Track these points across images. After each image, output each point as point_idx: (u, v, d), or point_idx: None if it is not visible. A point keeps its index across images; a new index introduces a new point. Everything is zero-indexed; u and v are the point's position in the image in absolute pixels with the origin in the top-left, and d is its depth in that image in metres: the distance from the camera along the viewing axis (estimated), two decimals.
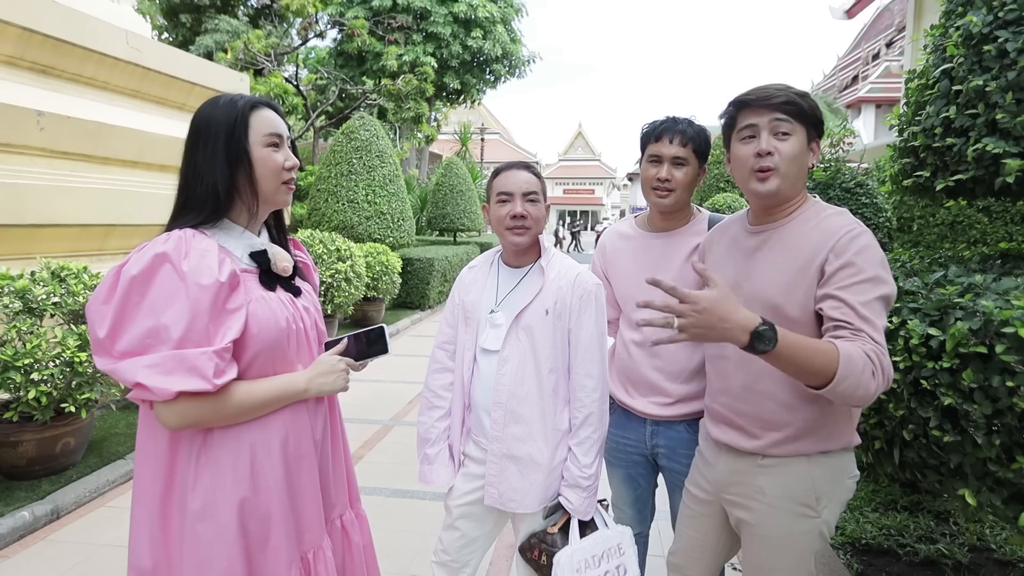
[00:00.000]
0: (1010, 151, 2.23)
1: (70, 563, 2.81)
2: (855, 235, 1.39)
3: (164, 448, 1.21)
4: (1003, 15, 2.30)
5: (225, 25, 15.52)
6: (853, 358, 1.23)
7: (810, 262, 1.41)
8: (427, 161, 25.68)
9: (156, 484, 1.22)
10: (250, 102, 1.30)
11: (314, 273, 1.54)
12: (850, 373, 1.22)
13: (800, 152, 1.45)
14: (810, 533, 1.49)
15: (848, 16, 13.88)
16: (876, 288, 1.34)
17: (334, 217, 8.96)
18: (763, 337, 1.19)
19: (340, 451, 1.49)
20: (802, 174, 1.48)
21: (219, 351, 1.14)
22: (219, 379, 1.14)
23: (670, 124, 1.85)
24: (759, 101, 1.46)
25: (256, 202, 1.31)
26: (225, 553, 1.20)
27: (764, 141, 1.44)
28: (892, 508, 3.08)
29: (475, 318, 1.81)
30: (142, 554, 1.23)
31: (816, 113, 1.46)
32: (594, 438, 1.72)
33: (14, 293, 3.26)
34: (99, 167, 4.86)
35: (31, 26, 4.27)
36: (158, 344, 1.11)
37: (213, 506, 1.20)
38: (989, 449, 1.80)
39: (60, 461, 3.51)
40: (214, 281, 1.15)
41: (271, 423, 1.27)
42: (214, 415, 1.18)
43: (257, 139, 1.28)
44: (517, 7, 22.07)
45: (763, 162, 1.44)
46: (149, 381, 1.09)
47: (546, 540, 1.69)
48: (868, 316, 1.32)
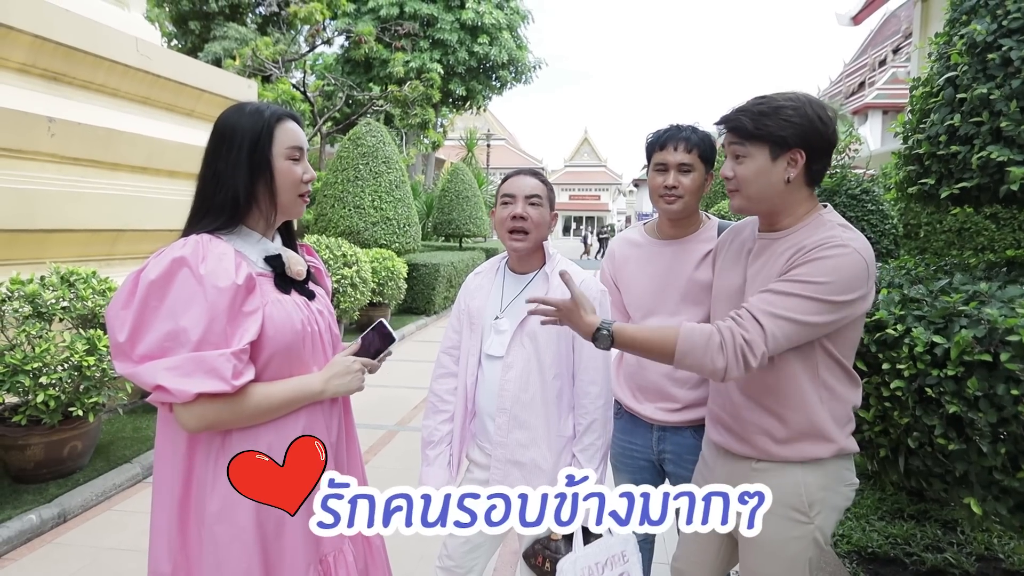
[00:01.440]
0: (1015, 159, 2.23)
1: (76, 566, 2.82)
2: (828, 246, 1.36)
3: (182, 451, 1.23)
4: (1007, 23, 2.30)
5: (234, 32, 15.66)
6: (692, 338, 1.36)
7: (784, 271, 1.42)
8: (433, 167, 25.77)
9: (175, 487, 1.23)
10: (276, 114, 1.32)
11: (326, 278, 1.57)
12: (689, 350, 1.36)
13: (759, 172, 1.45)
14: (803, 539, 1.49)
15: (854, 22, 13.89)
16: (804, 288, 1.34)
17: (340, 223, 9.00)
18: (599, 338, 1.44)
19: (356, 453, 1.51)
20: (772, 190, 1.46)
21: (237, 352, 1.16)
22: (237, 380, 1.15)
23: (674, 132, 1.86)
24: (722, 123, 1.52)
25: (274, 212, 1.33)
26: (243, 555, 1.21)
27: (727, 165, 1.52)
28: (899, 517, 3.06)
29: (480, 324, 1.82)
30: (161, 559, 1.24)
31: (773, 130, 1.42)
32: (597, 445, 1.73)
33: (24, 297, 3.30)
34: (109, 173, 4.91)
35: (43, 34, 4.32)
36: (177, 347, 1.13)
37: (231, 508, 1.21)
38: (994, 458, 1.80)
39: (67, 465, 3.53)
40: (231, 284, 1.17)
41: (287, 425, 1.28)
42: (232, 416, 1.19)
43: (280, 151, 1.30)
44: (523, 14, 22.14)
45: (728, 185, 1.53)
46: (169, 383, 1.11)
47: (550, 547, 1.69)
48: (766, 300, 1.36)
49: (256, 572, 1.22)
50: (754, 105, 1.46)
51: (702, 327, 1.38)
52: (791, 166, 1.45)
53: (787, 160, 1.44)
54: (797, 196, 1.48)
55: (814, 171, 1.47)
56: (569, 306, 1.47)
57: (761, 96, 1.49)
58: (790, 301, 1.34)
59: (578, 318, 1.46)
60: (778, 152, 1.44)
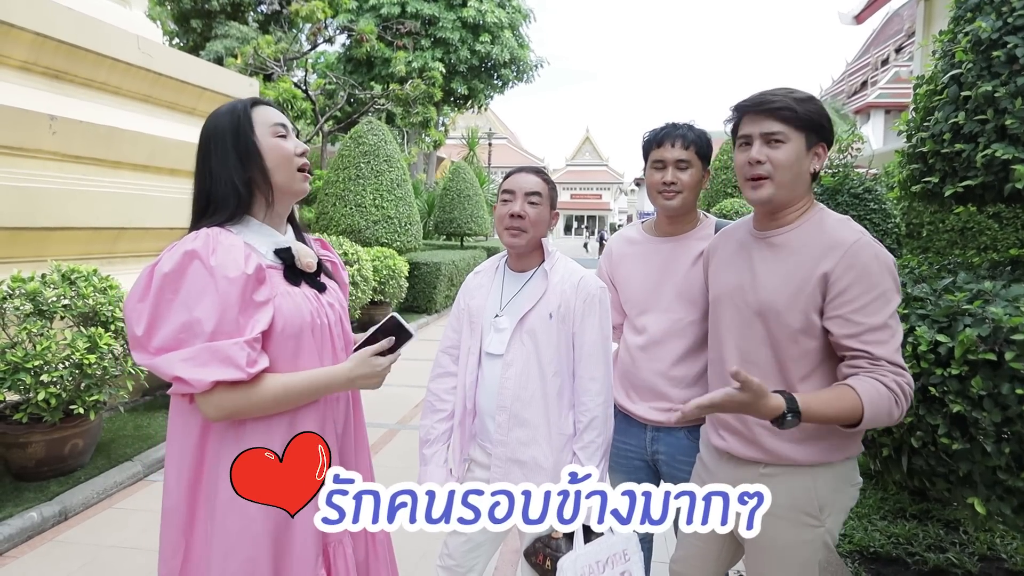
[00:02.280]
0: (1019, 157, 2.22)
1: (77, 564, 2.82)
2: (860, 248, 1.37)
3: (195, 440, 1.25)
4: (1012, 21, 2.29)
5: (235, 31, 15.65)
6: (875, 401, 1.30)
7: (812, 273, 1.40)
8: (435, 166, 25.75)
9: (187, 475, 1.25)
10: (249, 101, 1.35)
11: (342, 271, 1.58)
12: (876, 415, 1.31)
13: (795, 159, 1.43)
14: (814, 542, 1.47)
15: (857, 21, 13.86)
16: (887, 304, 1.35)
17: (342, 221, 9.00)
18: (786, 424, 1.29)
19: (363, 447, 1.52)
20: (800, 181, 1.45)
21: (250, 341, 1.18)
22: (252, 368, 1.18)
23: (670, 129, 1.87)
24: (754, 107, 1.46)
25: (271, 192, 1.34)
26: (251, 544, 1.23)
27: (755, 149, 1.44)
28: (901, 516, 3.05)
29: (479, 322, 1.81)
30: (170, 548, 1.26)
31: (816, 118, 1.43)
32: (598, 443, 1.72)
33: (25, 295, 3.30)
34: (110, 171, 4.91)
35: (45, 32, 4.32)
36: (192, 338, 1.15)
37: (241, 499, 1.23)
38: (999, 457, 1.79)
39: (68, 462, 3.53)
40: (240, 274, 1.19)
41: (296, 416, 1.30)
42: (249, 405, 1.21)
43: (263, 131, 1.33)
44: (525, 12, 22.12)
45: (755, 170, 1.45)
46: (186, 374, 1.13)
47: (551, 545, 1.69)
48: (885, 340, 1.33)
49: (264, 562, 1.24)
50: (788, 93, 1.44)
51: (874, 387, 1.31)
52: (816, 159, 1.44)
53: (814, 152, 1.44)
54: (807, 190, 1.49)
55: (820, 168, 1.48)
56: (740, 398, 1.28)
57: (782, 87, 1.48)
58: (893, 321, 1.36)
59: (757, 408, 1.29)
60: (812, 141, 1.44)
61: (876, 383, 1.31)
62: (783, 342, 1.45)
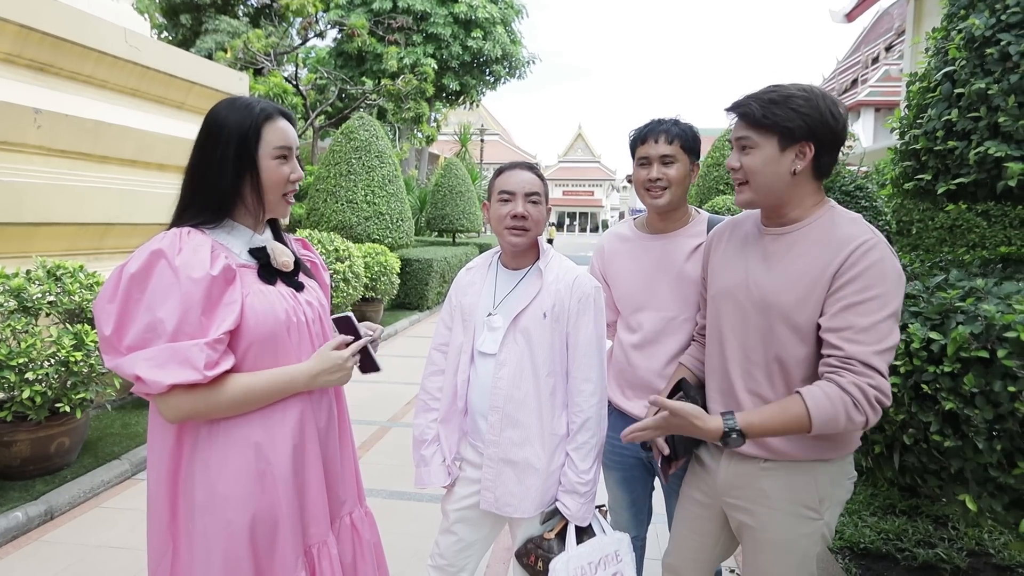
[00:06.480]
0: (1012, 155, 2.22)
1: (64, 564, 2.79)
2: (867, 248, 1.35)
3: (171, 441, 1.24)
4: (1005, 18, 2.29)
5: (225, 25, 15.51)
6: (823, 408, 1.30)
7: (821, 274, 1.38)
8: (427, 162, 25.66)
9: (165, 478, 1.25)
10: (266, 111, 1.32)
11: (323, 271, 1.58)
12: (826, 422, 1.31)
13: (763, 163, 1.43)
14: (813, 535, 1.48)
15: (848, 19, 13.91)
16: (882, 308, 1.32)
17: (333, 217, 8.94)
18: (730, 441, 1.35)
19: (348, 445, 1.51)
20: (781, 182, 1.43)
21: (211, 343, 1.17)
22: (211, 371, 1.16)
23: (655, 125, 1.86)
24: (731, 110, 1.49)
25: (261, 209, 1.35)
26: (231, 545, 1.23)
27: (732, 156, 1.49)
28: (890, 512, 3.07)
29: (472, 320, 1.79)
30: (159, 554, 1.26)
31: (781, 121, 1.39)
32: (592, 443, 1.70)
33: (9, 292, 3.24)
34: (97, 166, 4.84)
35: (29, 23, 4.25)
36: (155, 338, 1.15)
37: (221, 499, 1.22)
38: (990, 454, 1.79)
39: (54, 461, 3.48)
40: (205, 275, 1.18)
41: (275, 414, 1.29)
42: (207, 407, 1.20)
43: (267, 151, 1.31)
44: (517, 8, 22.04)
45: (734, 176, 1.50)
46: (145, 374, 1.13)
47: (543, 546, 1.67)
48: (866, 340, 1.31)
49: (245, 562, 1.23)
50: (765, 93, 1.44)
51: (824, 391, 1.31)
52: (799, 158, 1.42)
53: (795, 152, 1.42)
54: (805, 189, 1.46)
55: (822, 164, 1.44)
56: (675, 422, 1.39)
57: (774, 85, 1.46)
58: (885, 325, 1.32)
59: (694, 428, 1.37)
60: (786, 143, 1.41)
61: (830, 387, 1.31)
62: (787, 343, 1.43)
